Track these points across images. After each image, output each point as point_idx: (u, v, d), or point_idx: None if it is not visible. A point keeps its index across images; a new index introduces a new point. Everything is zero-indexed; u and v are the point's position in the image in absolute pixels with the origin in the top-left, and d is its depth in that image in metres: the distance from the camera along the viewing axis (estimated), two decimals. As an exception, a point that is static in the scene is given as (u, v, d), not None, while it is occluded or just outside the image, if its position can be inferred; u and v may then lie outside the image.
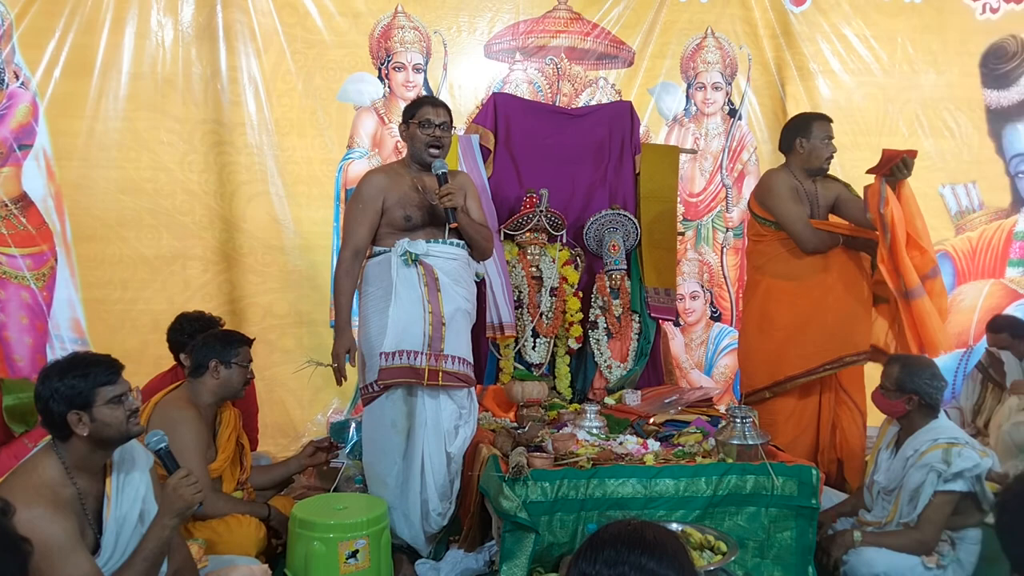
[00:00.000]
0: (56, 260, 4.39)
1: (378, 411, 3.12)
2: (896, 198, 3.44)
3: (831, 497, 3.42)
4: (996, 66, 5.22)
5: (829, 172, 3.80)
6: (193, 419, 2.95)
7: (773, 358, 3.70)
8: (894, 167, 3.39)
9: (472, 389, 3.21)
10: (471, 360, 3.19)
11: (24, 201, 4.36)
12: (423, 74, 4.80)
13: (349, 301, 3.18)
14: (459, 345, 3.11)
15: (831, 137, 3.72)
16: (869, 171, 3.49)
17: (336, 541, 2.80)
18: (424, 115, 3.18)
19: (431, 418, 3.07)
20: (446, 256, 3.15)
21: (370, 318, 3.15)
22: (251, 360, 3.17)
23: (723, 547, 2.60)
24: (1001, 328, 4.41)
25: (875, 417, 3.51)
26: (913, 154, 3.40)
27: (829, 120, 3.76)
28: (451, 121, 3.23)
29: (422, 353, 3.02)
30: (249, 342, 3.20)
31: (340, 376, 3.18)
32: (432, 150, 3.17)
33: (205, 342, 3.14)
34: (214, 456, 3.04)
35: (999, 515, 1.25)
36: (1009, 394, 4.21)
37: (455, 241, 3.19)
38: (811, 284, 3.69)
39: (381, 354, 3.04)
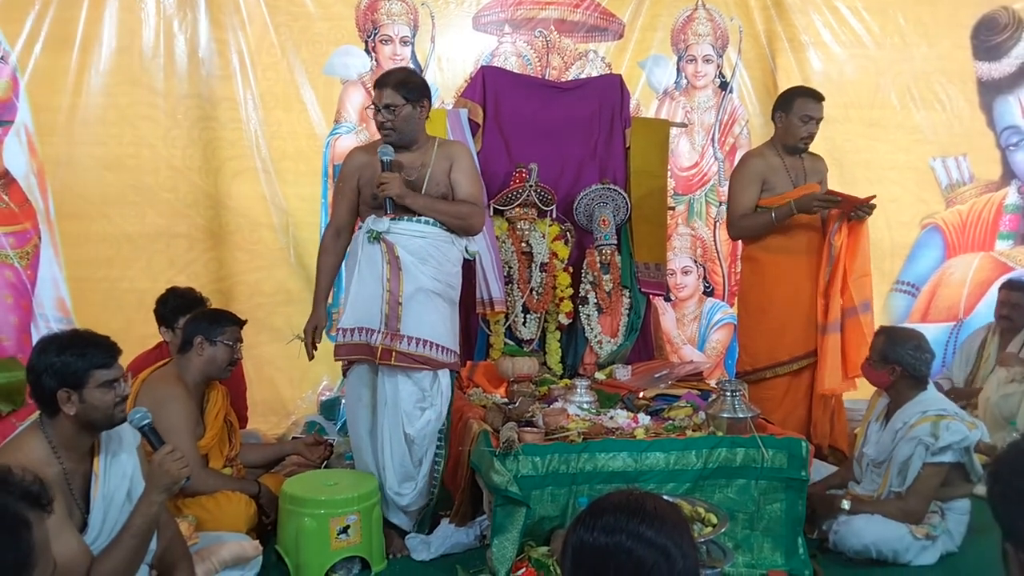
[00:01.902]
0: (40, 238, 4.33)
1: (350, 384, 3.18)
2: (847, 232, 3.61)
3: (820, 470, 3.44)
4: (988, 38, 5.18)
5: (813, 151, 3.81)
6: (181, 396, 2.94)
7: (774, 337, 3.71)
8: (853, 212, 3.59)
9: (439, 372, 3.08)
10: (443, 342, 3.06)
11: (6, 178, 4.29)
12: (411, 47, 4.73)
13: (326, 278, 3.20)
14: (421, 326, 3.01)
15: (812, 117, 3.65)
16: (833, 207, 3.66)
17: (327, 517, 2.81)
18: (373, 97, 3.10)
19: (390, 398, 3.04)
20: (411, 234, 3.03)
21: (345, 293, 3.20)
22: (240, 340, 3.14)
23: (713, 519, 2.61)
24: (1018, 288, 4.38)
25: (864, 390, 3.53)
26: (871, 199, 3.60)
27: (817, 99, 3.67)
28: (407, 99, 3.01)
29: (378, 332, 2.99)
30: (239, 322, 3.17)
31: (309, 351, 3.19)
32: (382, 132, 3.07)
33: (194, 318, 3.13)
34: (202, 433, 3.03)
35: (991, 484, 1.25)
36: (998, 366, 4.23)
37: (423, 219, 3.05)
38: (805, 258, 3.70)
39: (339, 330, 3.06)
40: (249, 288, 4.59)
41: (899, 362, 3.05)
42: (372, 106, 3.11)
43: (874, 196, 3.62)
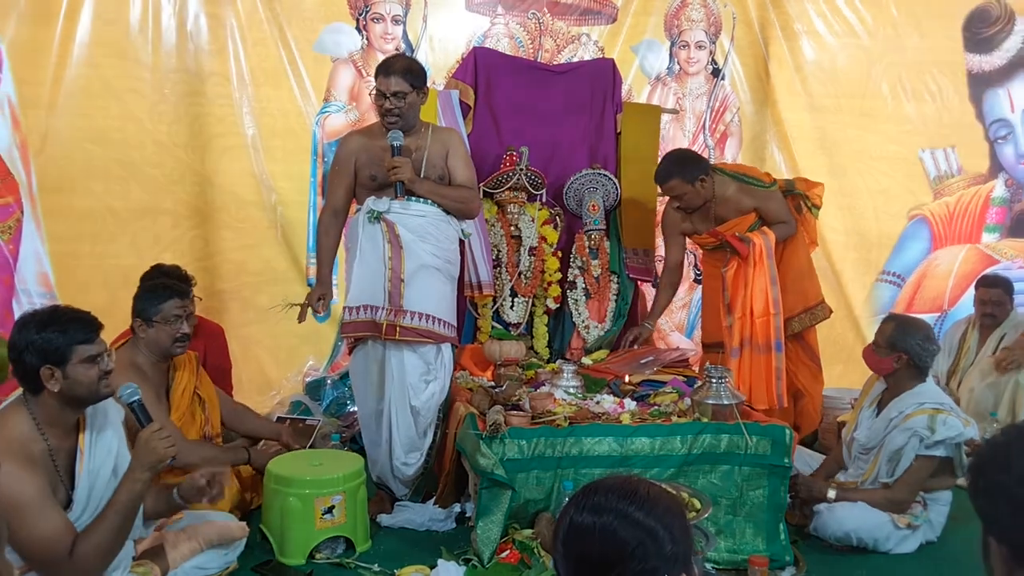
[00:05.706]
0: (22, 212, 4.26)
1: (356, 362, 3.27)
2: (736, 267, 3.65)
3: (802, 456, 3.47)
4: (979, 30, 5.18)
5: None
6: (130, 380, 2.84)
7: (704, 320, 4.11)
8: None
9: (442, 346, 3.22)
10: (444, 317, 3.19)
11: (-12, 151, 4.22)
12: (402, 26, 4.68)
13: (327, 257, 3.31)
14: (425, 301, 3.13)
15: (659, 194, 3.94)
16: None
17: (312, 497, 2.81)
18: (377, 84, 3.14)
19: (396, 372, 3.15)
20: (410, 213, 3.14)
21: (348, 273, 3.25)
22: (183, 314, 2.91)
23: (697, 504, 2.64)
24: (996, 284, 4.38)
25: (852, 380, 3.55)
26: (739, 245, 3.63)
27: (655, 180, 3.78)
28: (414, 86, 3.10)
29: (382, 308, 3.09)
30: (180, 293, 2.93)
31: (303, 313, 3.20)
32: (388, 119, 3.13)
33: (135, 296, 2.92)
34: (167, 413, 2.94)
35: (974, 478, 1.25)
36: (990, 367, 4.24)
37: (423, 199, 3.16)
38: (714, 271, 3.85)
39: (345, 308, 3.16)
40: (235, 267, 4.55)
41: (907, 351, 3.04)
42: (376, 92, 3.15)
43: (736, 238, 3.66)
